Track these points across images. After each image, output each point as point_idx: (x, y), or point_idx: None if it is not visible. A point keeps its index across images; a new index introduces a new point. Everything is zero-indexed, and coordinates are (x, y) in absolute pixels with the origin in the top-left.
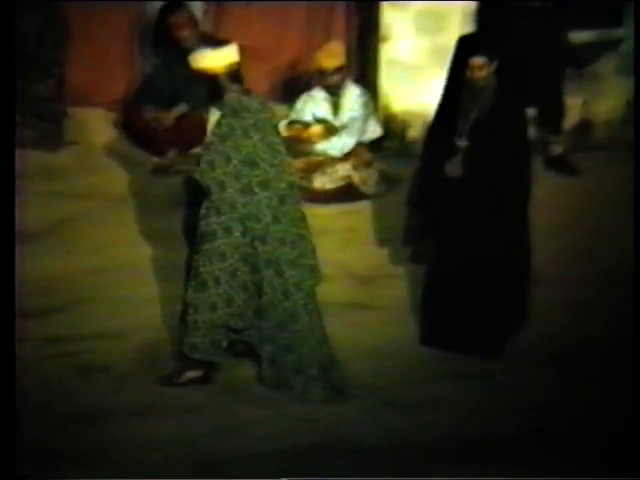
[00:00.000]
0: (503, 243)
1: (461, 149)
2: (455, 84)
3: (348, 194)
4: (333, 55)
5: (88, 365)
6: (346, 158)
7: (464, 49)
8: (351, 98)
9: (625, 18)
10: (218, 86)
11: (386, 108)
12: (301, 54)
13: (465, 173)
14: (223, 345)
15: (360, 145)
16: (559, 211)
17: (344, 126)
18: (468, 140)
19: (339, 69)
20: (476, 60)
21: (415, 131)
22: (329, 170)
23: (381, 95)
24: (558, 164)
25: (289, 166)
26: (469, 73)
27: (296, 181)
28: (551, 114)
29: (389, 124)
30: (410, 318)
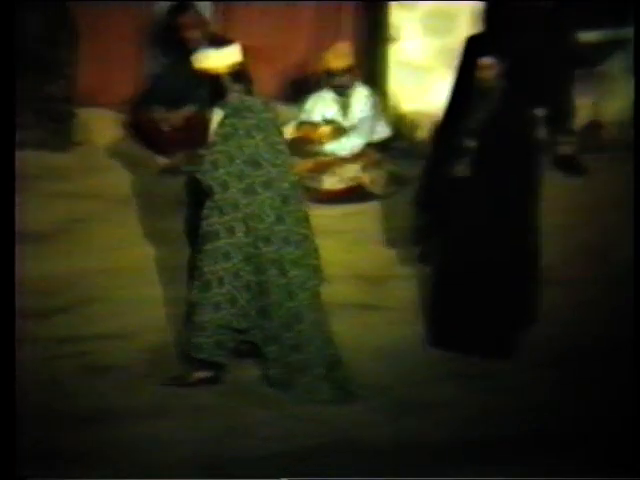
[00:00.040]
0: (510, 243)
1: (469, 149)
2: (463, 84)
3: (357, 194)
4: (342, 56)
5: (92, 366)
6: (355, 159)
7: (472, 49)
8: (360, 99)
9: (634, 17)
10: (221, 86)
11: (395, 108)
12: (310, 55)
13: (473, 173)
14: (228, 346)
15: (369, 146)
16: (567, 212)
17: (353, 127)
18: (476, 140)
19: (348, 70)
20: (485, 60)
21: (424, 131)
22: (338, 171)
23: (390, 95)
24: (567, 164)
25: (292, 166)
26: (478, 73)
27: (299, 181)
28: (560, 114)
29: (398, 124)
30: (418, 319)
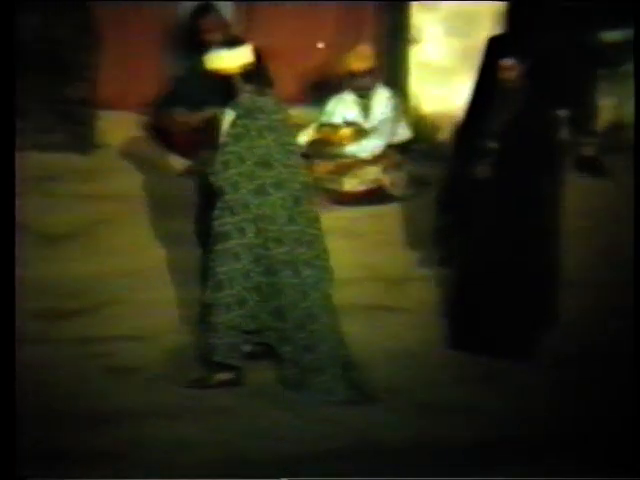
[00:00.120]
0: (532, 244)
1: (491, 150)
2: (485, 85)
3: (378, 196)
4: (363, 58)
5: (111, 367)
6: (376, 160)
7: (494, 50)
8: (381, 100)
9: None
10: (232, 87)
11: (416, 110)
12: (331, 56)
13: (494, 174)
14: (241, 348)
15: (390, 147)
16: (589, 213)
17: (374, 129)
18: (498, 141)
19: (369, 71)
20: (506, 61)
21: (445, 133)
22: (359, 172)
23: (411, 97)
24: (589, 166)
25: (303, 167)
26: (499, 74)
27: (310, 181)
28: (583, 115)
29: (419, 126)
30: (439, 321)
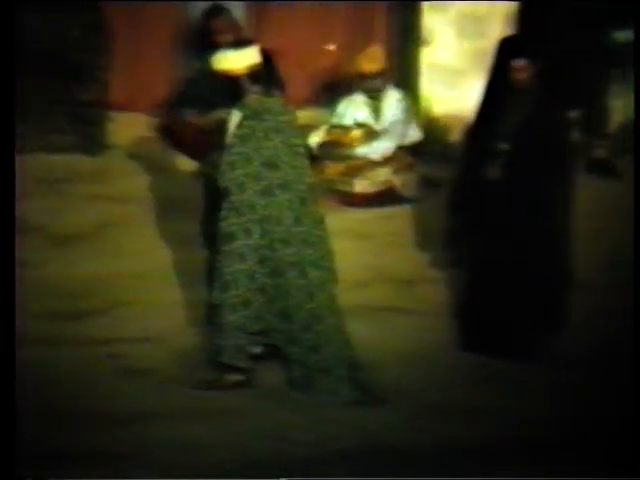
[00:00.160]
0: (543, 246)
1: (502, 152)
2: (496, 87)
3: (389, 198)
4: (374, 59)
5: (121, 368)
6: (387, 162)
7: (506, 51)
8: (392, 102)
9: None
10: (239, 88)
11: (426, 112)
12: (342, 58)
13: (506, 176)
14: (247, 350)
15: (401, 149)
16: (601, 215)
17: (384, 130)
18: (509, 143)
19: (380, 73)
20: (518, 62)
21: (456, 135)
22: (370, 174)
23: (421, 99)
24: (601, 167)
25: (309, 168)
26: (511, 75)
27: (315, 183)
28: (595, 117)
29: (430, 128)
30: (449, 322)
